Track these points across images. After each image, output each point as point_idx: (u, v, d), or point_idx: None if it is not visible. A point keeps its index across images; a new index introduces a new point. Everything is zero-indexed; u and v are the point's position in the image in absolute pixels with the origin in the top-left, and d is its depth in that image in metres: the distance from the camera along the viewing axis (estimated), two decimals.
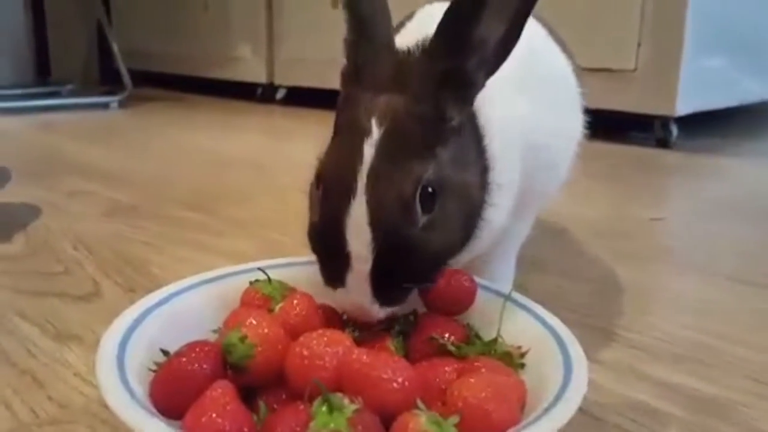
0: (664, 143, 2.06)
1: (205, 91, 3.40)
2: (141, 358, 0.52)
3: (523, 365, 0.55)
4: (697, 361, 0.73)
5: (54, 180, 1.55)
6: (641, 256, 1.10)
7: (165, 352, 0.52)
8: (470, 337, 0.59)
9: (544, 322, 0.58)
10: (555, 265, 1.02)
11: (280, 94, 3.10)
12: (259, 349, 0.51)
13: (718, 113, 2.26)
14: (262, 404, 0.49)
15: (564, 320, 0.58)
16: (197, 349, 0.51)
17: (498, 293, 0.63)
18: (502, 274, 0.82)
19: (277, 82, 3.09)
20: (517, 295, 0.62)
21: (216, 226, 1.21)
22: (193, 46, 3.45)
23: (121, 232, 1.16)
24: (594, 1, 2.03)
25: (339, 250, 0.55)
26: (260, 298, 0.61)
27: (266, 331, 0.52)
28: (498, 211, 0.65)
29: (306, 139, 0.60)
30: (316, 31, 2.73)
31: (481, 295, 0.63)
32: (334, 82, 0.64)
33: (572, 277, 0.98)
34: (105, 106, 2.97)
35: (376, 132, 0.56)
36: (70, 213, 1.27)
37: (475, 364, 0.53)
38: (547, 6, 0.78)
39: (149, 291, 0.61)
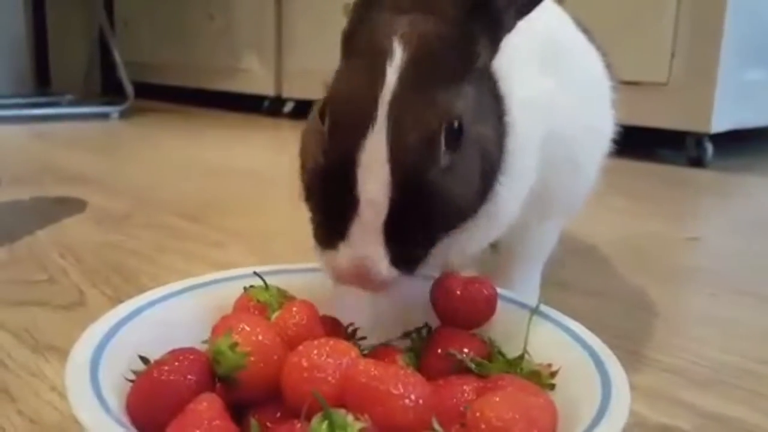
0: (697, 162, 2.01)
1: (211, 104, 3.39)
2: (119, 367, 0.48)
3: (553, 386, 0.51)
4: (740, 387, 0.69)
5: (44, 187, 1.53)
6: (674, 276, 1.07)
7: (144, 360, 0.48)
8: (492, 353, 0.55)
9: (577, 338, 0.53)
10: (583, 283, 0.98)
11: (287, 107, 3.08)
12: (252, 358, 0.47)
13: (754, 130, 2.22)
14: (254, 422, 0.44)
15: None
16: (181, 358, 0.46)
17: (523, 305, 0.59)
18: (525, 287, 0.78)
19: (285, 94, 3.07)
20: (545, 308, 0.58)
21: (213, 236, 1.17)
22: (198, 57, 3.44)
23: (112, 241, 1.12)
24: (624, 8, 1.99)
25: (345, 194, 0.49)
26: (255, 305, 0.57)
27: (260, 338, 0.47)
28: (510, 186, 0.59)
29: None
30: (327, 41, 2.69)
31: (503, 307, 0.58)
32: None
33: (601, 297, 0.93)
34: (105, 116, 2.96)
35: (399, 54, 0.50)
36: (59, 221, 1.24)
37: (499, 382, 0.48)
38: (572, 11, 0.77)
39: None
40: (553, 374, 0.51)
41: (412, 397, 0.42)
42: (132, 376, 0.47)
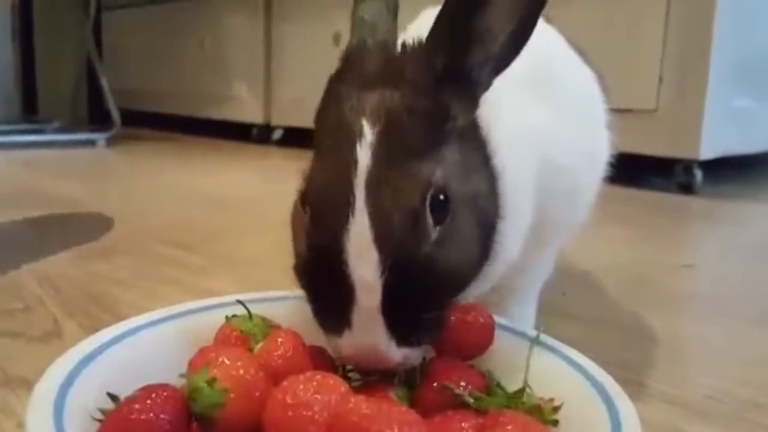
0: (686, 189, 1.99)
1: (199, 131, 3.36)
2: (88, 405, 0.44)
3: (556, 422, 0.47)
4: (743, 419, 0.66)
5: (28, 213, 1.48)
6: (672, 304, 1.04)
7: (113, 397, 0.44)
8: (491, 386, 0.51)
9: (582, 370, 0.50)
10: (579, 311, 0.95)
11: (276, 134, 3.05)
12: (232, 395, 0.43)
13: (743, 157, 2.20)
14: None
15: None
16: (154, 395, 0.42)
17: (522, 334, 0.55)
18: (521, 317, 0.75)
19: (273, 122, 3.04)
20: (546, 338, 0.54)
21: (199, 264, 1.13)
22: (187, 85, 3.41)
23: (93, 270, 1.08)
24: (611, 34, 1.98)
25: (339, 282, 0.47)
26: (237, 336, 0.53)
27: (241, 372, 0.44)
28: (511, 226, 0.57)
29: None
30: (317, 70, 2.66)
31: (501, 337, 0.55)
32: None
33: (599, 324, 0.90)
34: (92, 143, 2.92)
35: (369, 132, 0.49)
36: (40, 248, 1.19)
37: (500, 419, 0.44)
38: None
39: None
40: (555, 409, 0.47)
41: None
42: (100, 416, 0.43)
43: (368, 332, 0.47)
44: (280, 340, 0.51)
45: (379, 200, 0.47)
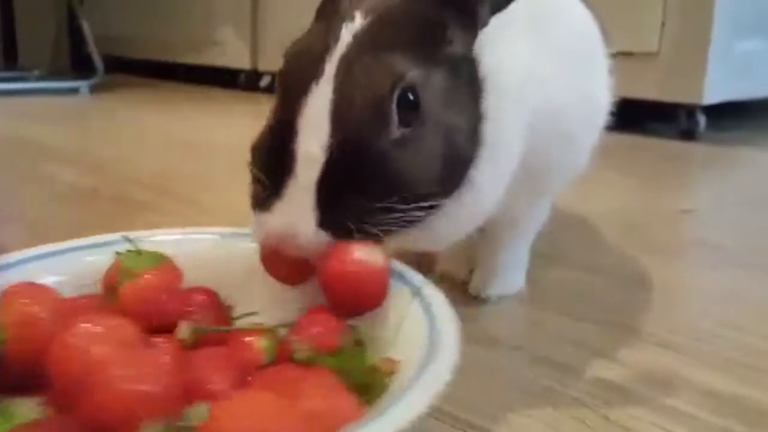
0: (689, 135, 1.96)
1: (184, 78, 3.35)
2: None
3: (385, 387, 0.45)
4: (744, 365, 0.67)
5: (8, 163, 1.50)
6: (671, 250, 1.06)
7: None
8: (350, 342, 0.48)
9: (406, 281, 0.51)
10: (576, 258, 0.95)
11: (264, 81, 3.01)
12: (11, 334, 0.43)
13: (747, 102, 2.17)
14: None
15: (586, 317, 0.60)
16: None
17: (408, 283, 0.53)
18: (514, 265, 0.78)
19: (261, 68, 3.01)
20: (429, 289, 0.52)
21: (178, 210, 1.16)
22: (171, 30, 3.37)
23: (75, 216, 1.10)
24: None
25: (284, 151, 0.47)
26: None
27: (26, 311, 0.43)
28: (490, 172, 0.56)
29: None
30: (306, 12, 2.63)
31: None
32: None
33: (595, 271, 0.91)
34: (74, 91, 2.91)
35: (359, 19, 0.50)
36: (23, 196, 1.22)
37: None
38: None
39: None
40: (391, 371, 0.45)
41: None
42: None
43: (296, 205, 0.47)
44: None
45: (347, 79, 0.47)
